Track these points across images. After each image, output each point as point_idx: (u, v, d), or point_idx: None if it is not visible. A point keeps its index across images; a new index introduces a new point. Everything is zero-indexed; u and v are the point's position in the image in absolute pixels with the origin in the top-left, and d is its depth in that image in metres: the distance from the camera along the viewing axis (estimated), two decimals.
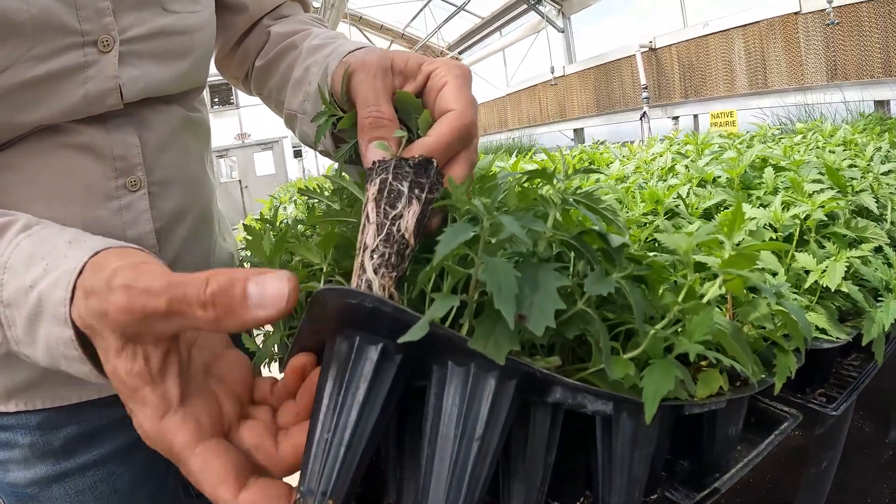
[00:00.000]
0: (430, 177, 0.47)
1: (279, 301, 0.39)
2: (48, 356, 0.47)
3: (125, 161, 0.74)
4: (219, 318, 0.39)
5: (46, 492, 0.81)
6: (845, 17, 5.01)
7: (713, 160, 1.11)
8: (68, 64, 0.66)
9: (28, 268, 0.47)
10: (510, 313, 0.34)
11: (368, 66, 0.58)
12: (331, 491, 0.38)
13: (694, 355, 0.45)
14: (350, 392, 0.40)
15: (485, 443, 0.40)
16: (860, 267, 0.73)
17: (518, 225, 0.37)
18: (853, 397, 0.78)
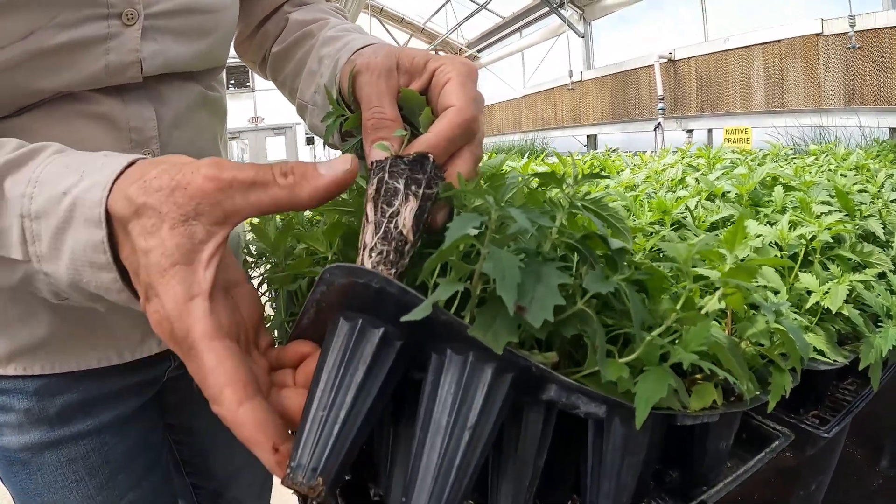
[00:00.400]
0: (426, 172, 0.48)
1: (344, 166, 0.45)
2: (72, 269, 0.47)
3: (140, 133, 0.75)
4: (295, 184, 0.44)
5: (38, 458, 0.82)
6: (867, 41, 4.98)
7: (724, 175, 1.11)
8: (91, 34, 0.66)
9: (61, 178, 0.48)
10: (511, 301, 0.35)
11: (373, 68, 0.60)
12: (321, 468, 0.39)
13: (688, 364, 0.46)
14: (349, 373, 0.41)
15: (476, 432, 0.40)
16: (862, 291, 0.73)
17: (526, 218, 0.38)
18: (846, 421, 0.78)
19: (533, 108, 11.46)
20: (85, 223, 0.45)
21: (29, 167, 0.49)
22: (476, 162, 0.55)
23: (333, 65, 0.72)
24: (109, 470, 0.87)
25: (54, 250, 0.47)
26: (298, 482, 0.38)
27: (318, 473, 0.39)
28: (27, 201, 0.47)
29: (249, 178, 0.44)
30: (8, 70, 0.62)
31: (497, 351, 0.38)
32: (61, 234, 0.47)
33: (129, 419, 0.90)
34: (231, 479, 1.16)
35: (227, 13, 0.84)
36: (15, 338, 0.76)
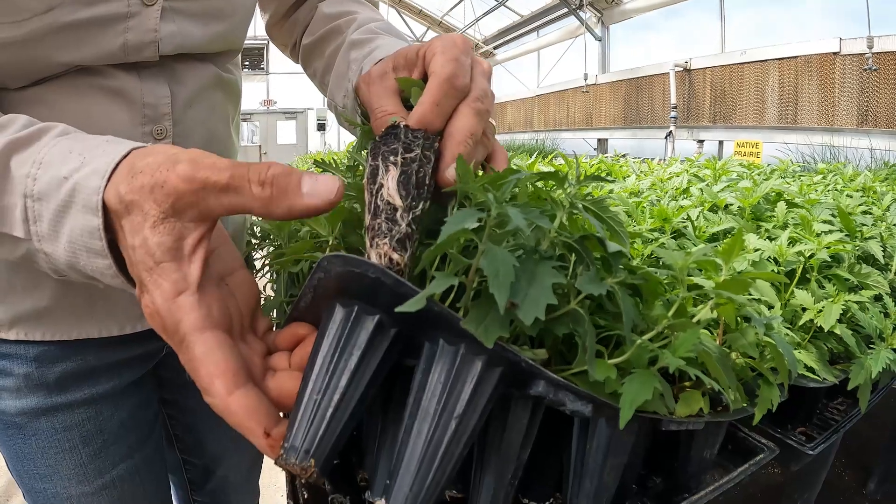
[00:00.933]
0: (400, 139, 0.48)
1: (329, 192, 0.43)
2: (69, 251, 0.48)
3: (154, 109, 0.76)
4: (272, 198, 0.43)
5: (34, 423, 0.83)
6: (883, 63, 4.97)
7: (728, 187, 1.11)
8: (111, 12, 0.67)
9: (64, 162, 0.48)
10: (503, 298, 0.36)
11: (369, 78, 0.62)
12: (314, 450, 0.40)
13: (675, 368, 0.46)
14: (343, 358, 0.42)
15: (463, 422, 0.41)
16: (857, 312, 0.73)
17: (523, 218, 0.38)
18: (832, 439, 0.79)
19: (545, 109, 11.44)
20: (83, 209, 0.46)
21: (34, 148, 0.50)
22: (478, 115, 0.54)
23: (358, 73, 0.73)
24: (103, 440, 0.88)
25: (54, 232, 0.48)
26: (291, 463, 0.39)
27: (311, 455, 0.40)
28: (31, 182, 0.48)
29: (223, 182, 0.43)
30: (27, 43, 0.63)
31: (487, 345, 0.38)
32: (61, 218, 0.48)
33: (125, 391, 0.91)
34: (222, 456, 1.18)
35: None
36: (18, 304, 0.78)
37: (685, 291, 0.48)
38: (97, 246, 0.46)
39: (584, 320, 0.44)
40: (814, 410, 0.86)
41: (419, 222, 0.46)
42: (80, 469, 0.87)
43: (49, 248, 0.49)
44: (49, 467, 0.86)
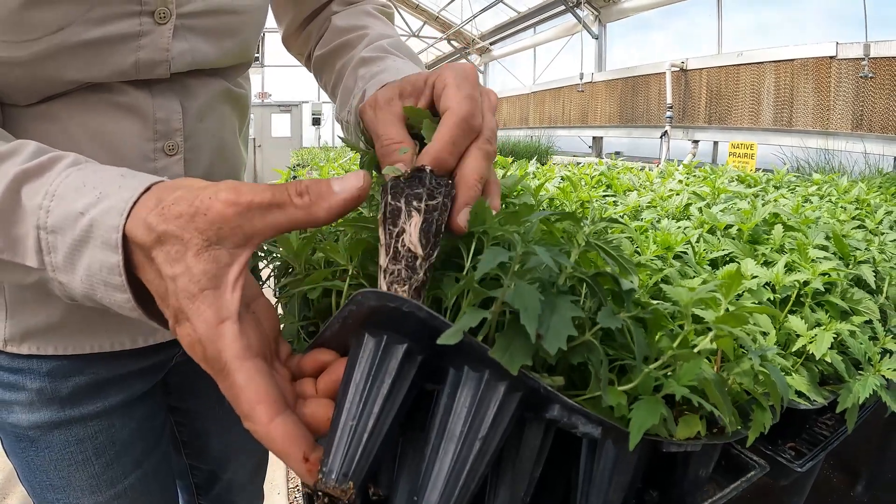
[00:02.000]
0: (425, 185, 0.49)
1: (356, 185, 0.47)
2: (86, 283, 0.49)
3: (166, 125, 0.76)
4: (312, 203, 0.46)
5: (47, 436, 0.84)
6: (879, 69, 5.00)
7: (726, 209, 1.15)
8: (123, 31, 0.68)
9: (79, 196, 0.49)
10: (533, 329, 0.39)
11: (375, 103, 0.61)
12: (352, 473, 0.42)
13: (680, 396, 0.50)
14: (375, 385, 0.45)
15: (486, 443, 0.44)
16: (847, 338, 0.77)
17: (549, 255, 0.42)
18: (820, 456, 0.82)
19: (541, 106, 11.44)
20: (102, 245, 0.47)
21: (46, 178, 0.51)
22: (487, 158, 0.55)
23: (361, 95, 0.75)
24: (115, 450, 0.89)
25: (70, 264, 0.49)
26: (331, 486, 0.42)
27: (349, 478, 0.42)
28: (43, 213, 0.49)
29: (267, 201, 0.45)
30: (37, 62, 0.64)
31: (513, 372, 0.42)
32: (77, 252, 0.48)
33: (136, 401, 0.92)
34: (227, 461, 1.20)
35: (256, 14, 0.85)
36: (30, 319, 0.78)
37: (690, 325, 0.51)
38: (116, 281, 0.47)
39: (599, 351, 0.48)
40: (803, 426, 0.89)
41: (433, 269, 0.48)
42: (93, 480, 0.88)
43: (64, 278, 0.50)
44: (62, 479, 0.87)
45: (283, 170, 2.10)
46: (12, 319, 0.78)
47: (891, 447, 1.68)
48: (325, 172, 1.52)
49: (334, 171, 1.56)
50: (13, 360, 0.80)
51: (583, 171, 1.85)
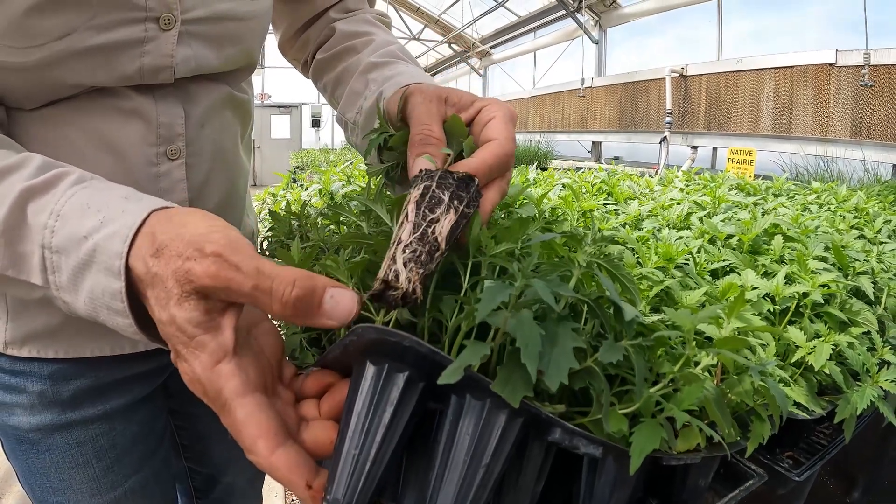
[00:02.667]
0: (469, 192, 0.51)
1: (346, 317, 0.45)
2: (90, 305, 0.50)
3: (169, 130, 0.77)
4: (293, 317, 0.45)
5: (48, 439, 0.84)
6: (879, 76, 5.01)
7: (727, 219, 1.16)
8: (128, 37, 0.68)
9: (83, 218, 0.49)
10: (534, 368, 0.40)
11: (426, 92, 0.64)
12: (355, 501, 0.43)
13: (681, 424, 0.50)
14: (377, 414, 0.46)
15: (489, 470, 0.45)
16: (845, 349, 0.78)
17: (548, 290, 0.42)
18: (818, 466, 0.83)
19: (541, 110, 11.44)
20: (105, 271, 0.48)
21: (51, 196, 0.52)
22: (503, 195, 0.59)
23: (376, 96, 0.75)
24: (116, 453, 0.90)
25: (73, 285, 0.50)
26: None
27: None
28: (48, 233, 0.50)
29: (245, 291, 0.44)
30: (41, 67, 0.64)
31: (514, 405, 0.42)
32: (81, 274, 0.49)
33: (137, 405, 0.92)
34: (227, 465, 1.20)
35: (260, 20, 0.86)
36: (31, 322, 0.79)
37: (692, 349, 0.52)
38: (118, 307, 0.48)
39: (600, 378, 0.48)
40: (801, 435, 0.90)
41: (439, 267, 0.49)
42: (94, 483, 0.89)
43: (69, 298, 0.51)
44: (63, 481, 0.87)
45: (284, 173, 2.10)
46: (13, 322, 0.79)
47: (888, 454, 1.69)
48: (326, 177, 1.52)
49: (335, 177, 1.56)
50: (14, 363, 0.81)
51: (584, 179, 1.86)
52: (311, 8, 1.00)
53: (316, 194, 1.46)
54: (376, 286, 0.45)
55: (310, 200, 1.39)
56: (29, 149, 0.70)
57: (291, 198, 1.55)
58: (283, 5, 0.99)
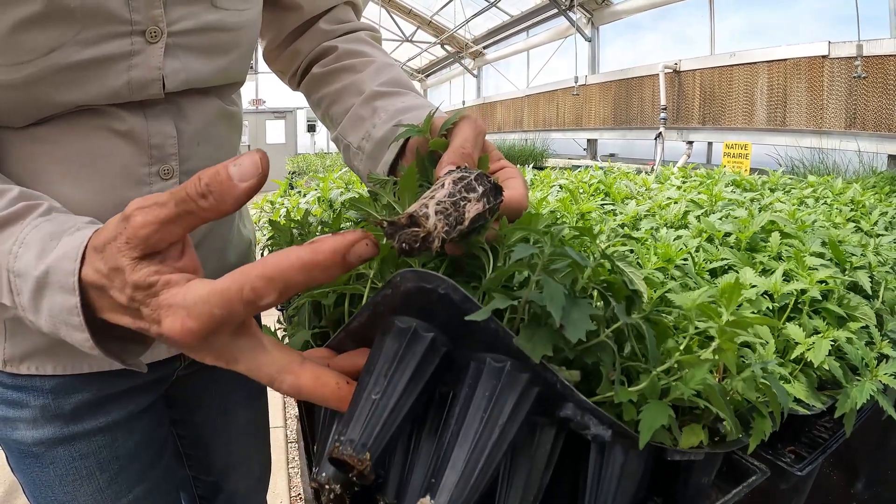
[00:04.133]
0: (496, 200, 0.52)
1: (255, 169, 0.44)
2: (50, 323, 0.51)
3: (161, 150, 0.77)
4: (217, 202, 0.44)
5: (51, 452, 0.85)
6: (872, 67, 5.02)
7: (724, 217, 1.17)
8: (114, 51, 0.68)
9: (41, 245, 0.52)
10: (558, 314, 0.42)
11: (475, 124, 0.66)
12: (371, 444, 0.44)
13: (688, 396, 0.52)
14: (401, 366, 0.47)
15: (504, 431, 0.46)
16: (844, 344, 0.79)
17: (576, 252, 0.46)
18: (820, 460, 0.83)
19: (535, 109, 11.46)
20: (60, 289, 0.49)
21: (18, 226, 0.54)
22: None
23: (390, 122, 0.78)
24: (119, 465, 0.90)
25: (34, 306, 0.52)
26: (348, 454, 0.43)
27: (367, 448, 0.43)
28: (12, 258, 0.52)
29: (174, 214, 0.44)
30: (28, 84, 0.65)
31: (535, 360, 0.44)
32: (39, 295, 0.51)
33: (139, 416, 0.93)
34: (231, 472, 1.20)
35: (249, 31, 0.86)
36: (29, 340, 0.79)
37: (694, 328, 0.53)
38: (75, 322, 0.49)
39: (612, 350, 0.50)
40: (803, 430, 0.91)
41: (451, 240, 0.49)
42: (98, 494, 0.89)
43: (31, 317, 0.53)
44: (67, 494, 0.88)
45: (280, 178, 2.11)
46: (12, 340, 0.80)
47: (889, 445, 1.70)
48: (325, 184, 1.53)
49: (334, 184, 1.57)
50: (16, 379, 0.82)
51: (580, 179, 1.86)
52: (298, 17, 1.00)
53: (314, 202, 1.47)
54: (400, 218, 0.45)
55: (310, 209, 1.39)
56: (17, 168, 0.71)
57: (290, 205, 1.55)
58: (269, 14, 0.99)
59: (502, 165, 0.67)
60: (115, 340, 0.53)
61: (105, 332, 0.51)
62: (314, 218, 0.91)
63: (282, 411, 3.48)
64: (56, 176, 0.72)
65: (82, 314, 0.49)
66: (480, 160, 0.64)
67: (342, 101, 0.90)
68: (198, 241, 0.87)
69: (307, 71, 1.01)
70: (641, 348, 0.56)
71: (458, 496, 0.44)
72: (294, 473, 2.87)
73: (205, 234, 0.89)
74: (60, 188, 0.71)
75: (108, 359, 0.52)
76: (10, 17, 0.60)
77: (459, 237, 0.48)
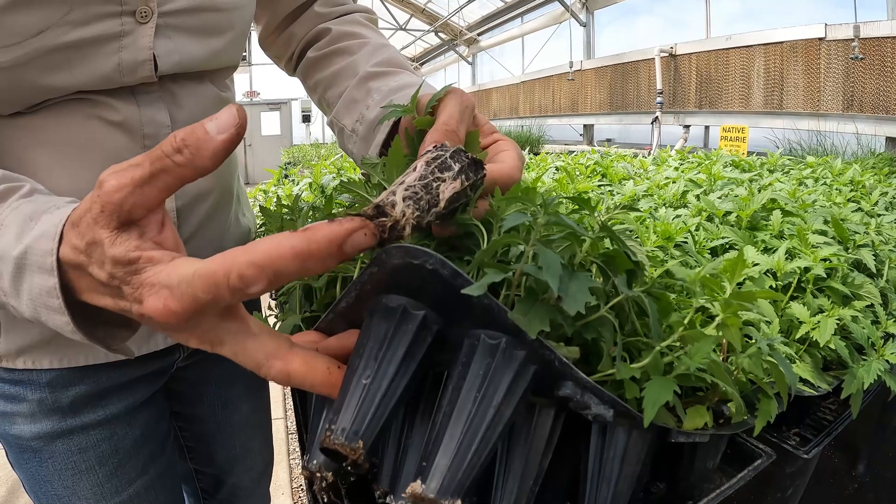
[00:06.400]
0: (477, 176, 0.50)
1: (232, 120, 0.43)
2: (31, 307, 0.49)
3: (155, 139, 0.76)
4: (193, 156, 0.42)
5: (50, 446, 0.84)
6: (869, 49, 5.00)
7: (724, 196, 1.15)
8: (104, 32, 0.67)
9: (21, 226, 0.50)
10: (555, 284, 0.40)
11: (463, 98, 0.63)
12: (363, 431, 0.42)
13: (693, 369, 0.50)
14: (391, 348, 0.44)
15: (499, 412, 0.44)
16: (850, 323, 0.77)
17: (572, 221, 0.44)
18: (825, 442, 0.82)
19: (531, 95, 11.42)
20: (39, 270, 0.47)
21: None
22: None
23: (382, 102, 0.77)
24: (119, 458, 0.89)
25: (15, 290, 0.50)
26: (340, 443, 0.41)
27: (360, 436, 0.41)
28: None
29: (148, 173, 0.42)
30: (20, 66, 0.63)
31: (531, 335, 0.41)
32: (19, 278, 0.49)
33: (138, 409, 0.92)
34: (233, 465, 1.20)
35: (243, 12, 0.85)
36: (24, 334, 0.78)
37: (697, 301, 0.51)
38: (55, 304, 0.47)
39: (612, 324, 0.48)
40: (808, 411, 0.89)
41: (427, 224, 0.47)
42: (98, 489, 0.88)
43: (13, 302, 0.51)
44: (67, 489, 0.87)
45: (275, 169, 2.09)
46: (7, 335, 0.78)
47: (890, 425, 1.69)
48: (317, 170, 1.51)
49: (326, 170, 1.55)
50: (13, 373, 0.81)
51: (577, 161, 1.84)
52: (292, 0, 0.98)
53: (307, 188, 1.45)
54: (366, 209, 0.43)
55: (301, 194, 1.37)
56: (5, 157, 0.69)
57: (283, 193, 1.53)
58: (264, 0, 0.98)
59: (495, 139, 0.65)
60: (101, 326, 0.52)
61: (89, 317, 0.50)
62: (305, 203, 0.89)
63: (282, 402, 3.48)
64: (47, 166, 0.71)
65: (61, 296, 0.47)
66: (469, 136, 0.61)
67: (337, 85, 0.88)
68: (195, 230, 0.86)
69: (302, 55, 1.00)
70: (643, 324, 0.54)
71: (451, 480, 0.41)
72: (295, 465, 2.87)
73: (202, 223, 0.87)
74: (52, 178, 0.70)
75: (94, 344, 0.50)
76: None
77: (438, 219, 0.46)
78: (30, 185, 0.56)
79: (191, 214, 0.84)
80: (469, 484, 0.42)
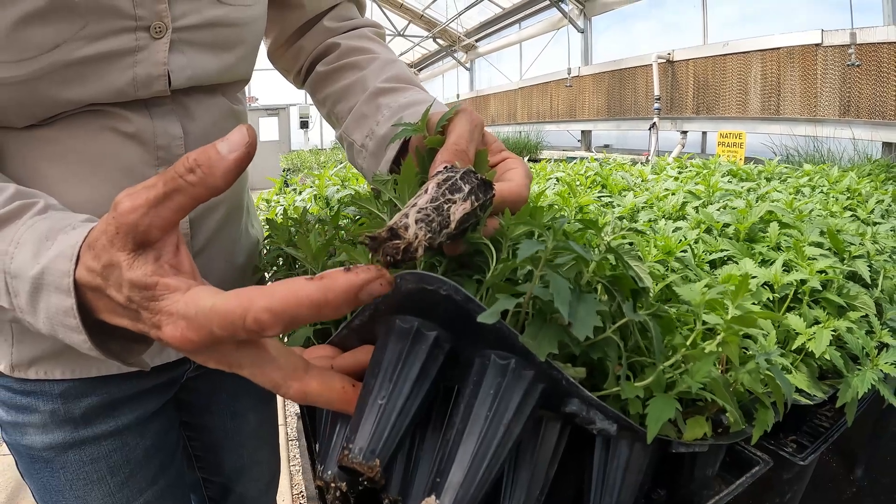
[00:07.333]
0: (486, 196, 0.51)
1: (242, 139, 0.44)
2: (48, 325, 0.50)
3: (167, 151, 0.76)
4: (206, 175, 0.44)
5: (61, 457, 0.85)
6: (865, 55, 5.02)
7: (723, 208, 1.17)
8: (119, 47, 0.67)
9: (37, 244, 0.50)
10: (565, 310, 0.42)
11: (472, 117, 0.65)
12: (379, 450, 0.43)
13: (696, 389, 0.52)
14: (406, 368, 0.46)
15: (509, 429, 0.46)
16: (845, 334, 0.79)
17: (579, 247, 0.46)
18: (821, 449, 0.84)
19: (529, 101, 11.44)
20: (56, 290, 0.48)
21: (14, 226, 0.53)
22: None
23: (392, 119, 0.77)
24: (130, 468, 0.90)
25: (31, 308, 0.51)
26: (358, 462, 0.43)
27: (376, 455, 0.43)
28: (8, 259, 0.51)
29: (162, 193, 0.43)
30: (35, 80, 0.64)
31: (541, 357, 0.43)
32: (35, 297, 0.50)
33: (149, 419, 0.92)
34: (240, 474, 1.20)
35: (254, 27, 0.85)
36: (37, 345, 0.79)
37: (700, 326, 0.53)
38: (72, 323, 0.48)
39: (618, 346, 0.50)
40: (804, 420, 0.91)
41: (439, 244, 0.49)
42: (109, 499, 0.89)
43: (30, 319, 0.52)
44: (78, 499, 0.87)
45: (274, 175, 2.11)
46: (19, 346, 0.79)
47: (887, 431, 1.71)
48: (321, 182, 1.52)
49: (330, 181, 1.57)
50: (24, 384, 0.81)
51: (577, 171, 1.86)
52: (301, 14, 0.99)
53: (310, 199, 1.46)
54: (380, 231, 0.44)
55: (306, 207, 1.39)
56: (20, 170, 0.70)
57: (286, 203, 1.55)
58: (273, 12, 0.99)
59: (503, 157, 0.67)
60: (116, 339, 0.53)
61: (105, 331, 0.51)
62: (312, 216, 0.90)
63: (281, 409, 3.48)
64: (60, 178, 0.71)
65: (79, 315, 0.48)
66: (478, 154, 0.63)
67: (346, 100, 0.89)
68: (206, 243, 0.87)
69: (311, 69, 1.01)
70: (646, 342, 0.56)
71: (464, 495, 0.43)
72: (296, 471, 2.87)
73: (214, 234, 0.88)
74: (65, 190, 0.70)
75: (110, 360, 0.52)
76: (13, 12, 0.59)
77: (449, 239, 0.48)
78: (44, 202, 0.57)
79: (203, 226, 0.85)
80: (481, 497, 0.44)
